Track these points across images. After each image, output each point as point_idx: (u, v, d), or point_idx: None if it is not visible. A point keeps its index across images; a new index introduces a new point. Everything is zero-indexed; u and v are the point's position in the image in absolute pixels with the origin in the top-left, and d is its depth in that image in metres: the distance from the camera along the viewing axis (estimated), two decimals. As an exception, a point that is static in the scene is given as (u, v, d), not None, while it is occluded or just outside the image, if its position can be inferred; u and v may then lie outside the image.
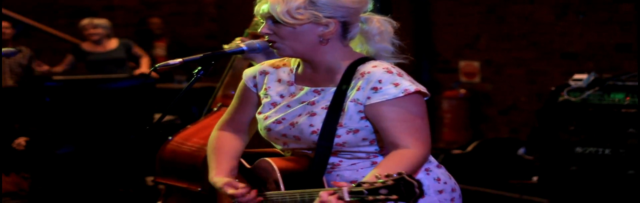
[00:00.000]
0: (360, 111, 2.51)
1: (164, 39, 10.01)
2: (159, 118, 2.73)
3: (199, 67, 2.63)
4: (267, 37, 2.57)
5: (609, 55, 6.92)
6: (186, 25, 10.67)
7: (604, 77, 5.21)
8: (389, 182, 2.18)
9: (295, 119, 2.58)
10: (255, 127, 2.73)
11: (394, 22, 2.63)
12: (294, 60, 2.67)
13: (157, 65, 2.63)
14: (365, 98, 2.50)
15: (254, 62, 3.56)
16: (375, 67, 2.53)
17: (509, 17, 7.65)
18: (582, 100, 5.14)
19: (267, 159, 2.60)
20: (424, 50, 8.25)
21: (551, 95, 5.29)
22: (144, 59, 8.33)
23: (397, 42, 2.63)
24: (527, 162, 6.10)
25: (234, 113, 2.77)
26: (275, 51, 2.59)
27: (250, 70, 2.75)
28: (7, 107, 6.51)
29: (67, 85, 6.76)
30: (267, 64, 2.72)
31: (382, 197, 2.18)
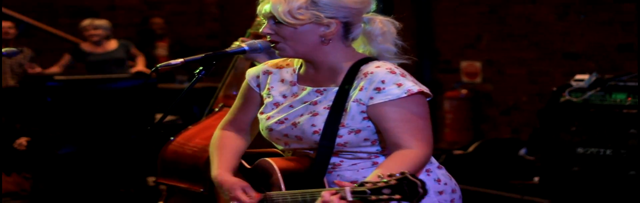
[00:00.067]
0: (362, 112, 2.51)
1: (165, 39, 10.01)
2: (160, 118, 2.72)
3: (201, 68, 2.62)
4: (269, 37, 2.57)
5: (611, 55, 6.91)
6: (188, 25, 10.67)
7: (605, 77, 5.21)
8: (392, 181, 2.17)
9: (297, 120, 2.58)
10: (257, 127, 2.72)
11: (396, 23, 2.62)
12: (297, 60, 2.67)
13: (159, 65, 2.63)
14: (367, 98, 2.50)
15: (257, 62, 3.56)
16: (378, 67, 2.53)
17: (511, 17, 7.64)
18: (583, 100, 5.13)
19: (267, 159, 2.60)
20: (426, 50, 8.25)
21: (552, 95, 5.28)
22: (139, 58, 8.33)
23: (399, 43, 2.62)
24: (528, 163, 6.09)
25: (236, 112, 2.77)
26: (276, 52, 2.59)
27: (253, 70, 2.74)
28: (9, 107, 6.51)
29: (69, 85, 6.76)
30: (270, 64, 2.72)
31: (385, 197, 2.17)
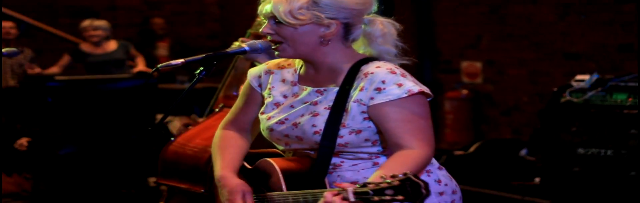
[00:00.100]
0: (363, 112, 2.51)
1: (166, 40, 10.01)
2: (161, 118, 2.72)
3: (201, 68, 2.62)
4: (269, 37, 2.57)
5: (611, 55, 6.90)
6: (188, 25, 10.67)
7: (606, 77, 5.20)
8: (395, 182, 2.16)
9: (298, 120, 2.57)
10: (258, 127, 2.71)
11: (397, 25, 2.62)
12: (298, 60, 2.67)
13: (159, 65, 2.63)
14: (368, 98, 2.50)
15: (257, 63, 3.55)
16: (378, 67, 2.52)
17: (511, 17, 7.64)
18: (584, 101, 5.13)
19: (268, 159, 2.60)
20: (426, 50, 8.24)
21: (553, 96, 5.28)
22: (139, 58, 8.33)
23: (400, 44, 2.62)
24: (529, 163, 6.09)
25: (238, 112, 2.77)
26: (276, 53, 2.58)
27: (255, 69, 2.74)
28: (9, 107, 6.51)
29: (69, 85, 6.76)
30: (272, 64, 2.72)
31: (387, 198, 2.16)
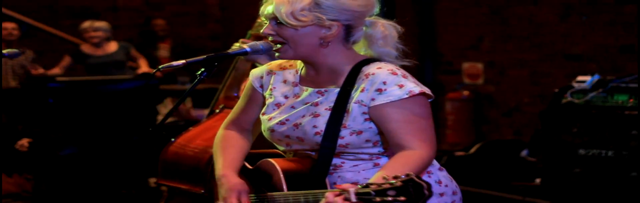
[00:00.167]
0: (364, 113, 2.51)
1: (167, 41, 10.01)
2: (161, 119, 2.72)
3: (202, 69, 2.62)
4: (270, 38, 2.57)
5: (613, 56, 6.90)
6: (190, 26, 10.68)
7: (607, 79, 5.20)
8: (397, 183, 2.15)
9: (298, 121, 2.58)
10: (259, 128, 2.72)
11: (398, 27, 2.62)
12: (299, 61, 2.67)
13: (161, 66, 2.63)
14: (369, 99, 2.50)
15: (258, 64, 3.55)
16: (379, 68, 2.52)
17: (512, 18, 7.64)
18: (585, 102, 5.13)
19: (269, 160, 2.60)
20: (427, 51, 8.24)
21: (554, 97, 5.28)
22: (141, 60, 8.34)
23: (400, 46, 2.62)
24: (530, 164, 6.09)
25: (239, 112, 2.77)
26: (276, 55, 2.58)
27: (257, 70, 2.74)
28: (10, 108, 6.51)
29: (70, 86, 6.76)
30: (274, 65, 2.72)
31: (390, 199, 2.15)
